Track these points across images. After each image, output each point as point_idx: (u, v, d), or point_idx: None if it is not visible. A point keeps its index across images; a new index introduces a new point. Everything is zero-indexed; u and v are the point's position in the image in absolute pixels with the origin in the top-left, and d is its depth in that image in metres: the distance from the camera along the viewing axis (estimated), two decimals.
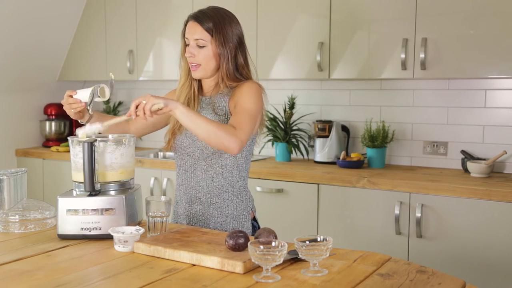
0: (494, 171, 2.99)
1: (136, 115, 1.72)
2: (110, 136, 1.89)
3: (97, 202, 1.73)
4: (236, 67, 1.97)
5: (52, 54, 4.20)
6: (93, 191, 1.73)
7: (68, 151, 3.88)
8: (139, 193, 1.89)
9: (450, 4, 2.81)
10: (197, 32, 1.91)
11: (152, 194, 3.50)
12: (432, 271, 1.45)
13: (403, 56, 2.90)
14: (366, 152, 3.23)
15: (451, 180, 2.75)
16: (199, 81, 2.03)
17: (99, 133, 1.82)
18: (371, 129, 3.21)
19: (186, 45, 1.97)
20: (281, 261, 1.37)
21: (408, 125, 3.27)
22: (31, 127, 4.26)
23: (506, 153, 2.89)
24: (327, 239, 1.43)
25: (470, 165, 2.89)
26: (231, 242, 1.49)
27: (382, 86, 3.33)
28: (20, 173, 2.00)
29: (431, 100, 3.19)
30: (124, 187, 1.81)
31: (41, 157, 4.02)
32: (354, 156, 3.18)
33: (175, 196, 2.08)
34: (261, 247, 1.35)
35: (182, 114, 1.75)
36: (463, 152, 3.04)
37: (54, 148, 4.01)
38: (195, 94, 2.00)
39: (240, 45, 1.98)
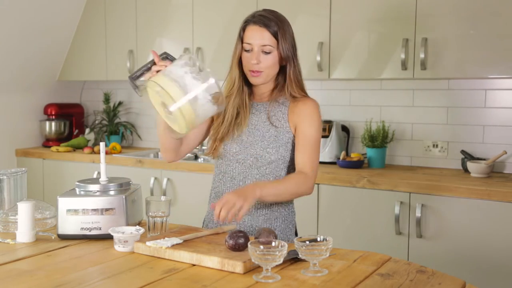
0: (494, 171, 2.99)
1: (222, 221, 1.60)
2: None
3: (97, 202, 1.73)
4: (299, 73, 1.87)
5: (52, 54, 4.19)
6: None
7: (68, 151, 3.95)
8: (139, 193, 1.89)
9: (450, 4, 2.81)
10: (264, 38, 1.78)
11: (152, 194, 3.50)
12: (432, 271, 1.45)
13: (403, 56, 2.90)
14: (366, 152, 3.23)
15: (451, 180, 2.75)
16: (250, 86, 1.89)
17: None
18: (371, 129, 3.21)
19: (243, 50, 1.82)
20: (281, 261, 1.37)
21: (408, 125, 3.27)
22: (31, 127, 4.26)
23: (506, 153, 2.89)
24: (327, 239, 1.43)
25: (470, 165, 2.89)
26: (231, 242, 1.49)
27: (382, 86, 3.33)
28: (20, 173, 2.00)
29: (431, 100, 3.19)
30: (124, 187, 1.81)
31: (41, 157, 4.02)
32: (354, 156, 3.18)
33: (210, 203, 1.93)
34: (261, 247, 1.35)
35: (268, 197, 1.72)
36: (463, 152, 3.04)
37: (54, 148, 4.01)
38: (245, 102, 1.86)
39: (296, 50, 1.87)
